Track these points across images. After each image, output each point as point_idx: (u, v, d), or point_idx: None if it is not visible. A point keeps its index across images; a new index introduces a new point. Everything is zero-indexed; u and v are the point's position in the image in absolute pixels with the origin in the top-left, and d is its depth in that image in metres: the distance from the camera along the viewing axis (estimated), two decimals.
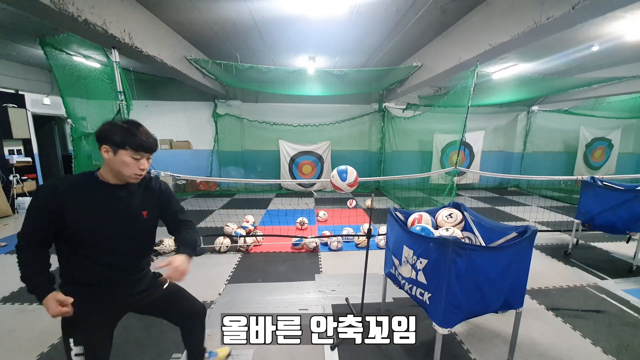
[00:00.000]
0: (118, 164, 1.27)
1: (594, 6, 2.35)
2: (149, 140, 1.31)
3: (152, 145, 1.33)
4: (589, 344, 2.33)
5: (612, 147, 8.36)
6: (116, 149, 1.25)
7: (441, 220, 2.46)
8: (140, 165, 1.31)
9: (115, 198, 1.34)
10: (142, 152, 1.30)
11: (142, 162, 1.32)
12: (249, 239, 4.13)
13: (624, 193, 3.41)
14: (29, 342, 2.31)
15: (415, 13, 3.72)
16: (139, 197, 1.42)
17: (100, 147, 1.27)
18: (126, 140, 1.26)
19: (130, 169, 1.29)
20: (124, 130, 1.26)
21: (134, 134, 1.27)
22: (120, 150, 1.26)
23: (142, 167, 1.32)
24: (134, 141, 1.27)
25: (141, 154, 1.30)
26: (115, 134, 1.25)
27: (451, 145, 7.85)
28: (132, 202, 1.39)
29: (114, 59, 3.38)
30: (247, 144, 8.26)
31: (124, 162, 1.27)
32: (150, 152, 1.34)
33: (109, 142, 1.26)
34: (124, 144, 1.25)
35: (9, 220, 5.46)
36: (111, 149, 1.26)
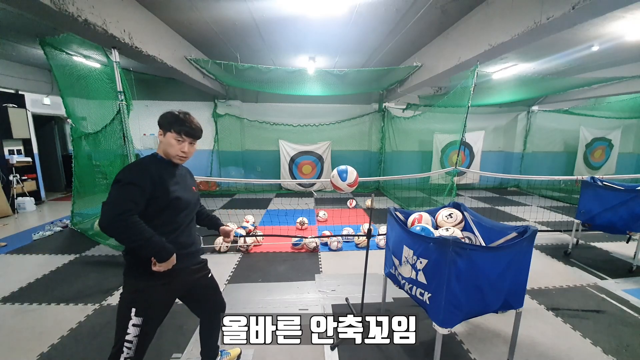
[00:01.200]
0: (166, 144, 1.49)
1: (594, 6, 2.35)
2: (192, 127, 1.51)
3: (196, 132, 1.53)
4: (589, 344, 2.33)
5: (612, 147, 8.36)
6: (165, 131, 1.49)
7: (441, 220, 2.46)
8: (182, 147, 1.50)
9: (177, 173, 1.58)
10: (184, 136, 1.49)
11: (184, 146, 1.50)
12: (249, 239, 4.13)
13: (624, 193, 3.41)
14: (29, 342, 2.31)
15: (415, 13, 3.72)
16: (188, 177, 1.70)
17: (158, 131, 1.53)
18: (173, 125, 1.47)
19: (174, 150, 1.49)
20: (174, 117, 1.49)
21: (181, 120, 1.48)
22: (167, 133, 1.48)
23: (184, 150, 1.51)
24: (179, 126, 1.48)
25: (183, 137, 1.49)
26: (167, 120, 1.48)
27: (451, 145, 7.85)
28: (187, 178, 1.66)
29: (114, 59, 3.38)
30: (247, 144, 8.26)
31: (170, 143, 1.48)
32: (192, 137, 1.52)
33: (161, 125, 1.50)
34: (171, 127, 1.48)
35: (9, 220, 5.46)
36: (163, 131, 1.50)
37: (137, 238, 1.32)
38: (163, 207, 1.45)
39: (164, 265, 1.39)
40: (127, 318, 1.40)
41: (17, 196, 5.92)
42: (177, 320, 2.51)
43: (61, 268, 3.57)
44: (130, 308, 1.41)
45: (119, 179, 1.39)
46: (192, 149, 1.55)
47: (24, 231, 4.86)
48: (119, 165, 3.91)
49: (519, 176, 8.08)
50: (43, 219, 5.54)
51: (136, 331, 1.40)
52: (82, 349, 2.22)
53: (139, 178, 1.38)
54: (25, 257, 3.89)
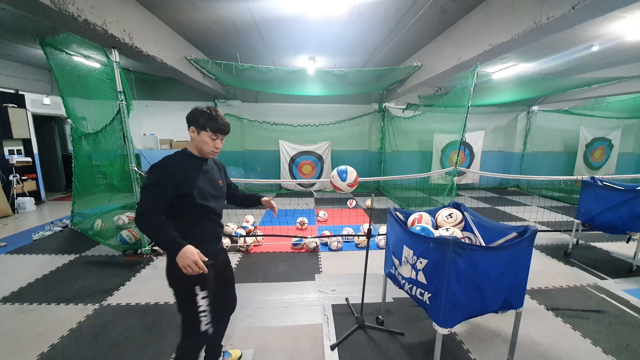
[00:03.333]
0: (200, 142, 1.57)
1: (594, 6, 2.35)
2: (224, 124, 1.61)
3: (227, 129, 1.63)
4: (589, 344, 2.33)
5: (612, 147, 8.36)
6: (199, 129, 1.55)
7: (441, 220, 2.46)
8: (216, 144, 1.60)
9: (205, 169, 1.65)
10: (218, 134, 1.59)
11: (217, 142, 1.61)
12: (249, 239, 4.13)
13: (624, 193, 3.41)
14: (29, 342, 2.31)
15: (415, 13, 3.72)
16: (216, 169, 1.77)
17: (189, 128, 1.58)
18: (207, 123, 1.55)
19: (208, 147, 1.58)
20: (207, 115, 1.56)
21: (214, 119, 1.56)
22: (202, 131, 1.55)
23: (217, 146, 1.61)
24: (213, 124, 1.56)
25: (217, 135, 1.59)
26: (200, 118, 1.55)
27: (451, 145, 7.85)
28: (214, 173, 1.73)
29: (114, 59, 3.38)
30: (247, 144, 8.26)
31: (204, 141, 1.57)
32: (225, 134, 1.63)
33: (194, 124, 1.55)
34: (206, 126, 1.55)
35: (9, 220, 5.46)
36: (196, 129, 1.56)
37: (153, 237, 1.44)
38: (190, 200, 1.54)
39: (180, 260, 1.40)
40: (194, 295, 1.55)
41: (17, 196, 5.92)
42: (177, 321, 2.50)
43: (61, 268, 3.57)
44: (194, 287, 1.54)
45: (145, 179, 1.51)
46: (222, 143, 1.66)
47: (24, 231, 4.86)
48: (119, 165, 3.92)
49: (519, 176, 8.07)
50: (43, 219, 5.54)
51: (206, 302, 1.58)
52: (82, 349, 2.22)
53: (161, 178, 1.47)
54: (25, 257, 3.89)
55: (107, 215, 4.80)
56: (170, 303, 2.83)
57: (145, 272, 3.46)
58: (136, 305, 2.81)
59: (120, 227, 4.57)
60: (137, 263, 3.67)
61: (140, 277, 3.35)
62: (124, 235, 3.96)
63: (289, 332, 2.43)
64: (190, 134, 1.59)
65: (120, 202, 4.87)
